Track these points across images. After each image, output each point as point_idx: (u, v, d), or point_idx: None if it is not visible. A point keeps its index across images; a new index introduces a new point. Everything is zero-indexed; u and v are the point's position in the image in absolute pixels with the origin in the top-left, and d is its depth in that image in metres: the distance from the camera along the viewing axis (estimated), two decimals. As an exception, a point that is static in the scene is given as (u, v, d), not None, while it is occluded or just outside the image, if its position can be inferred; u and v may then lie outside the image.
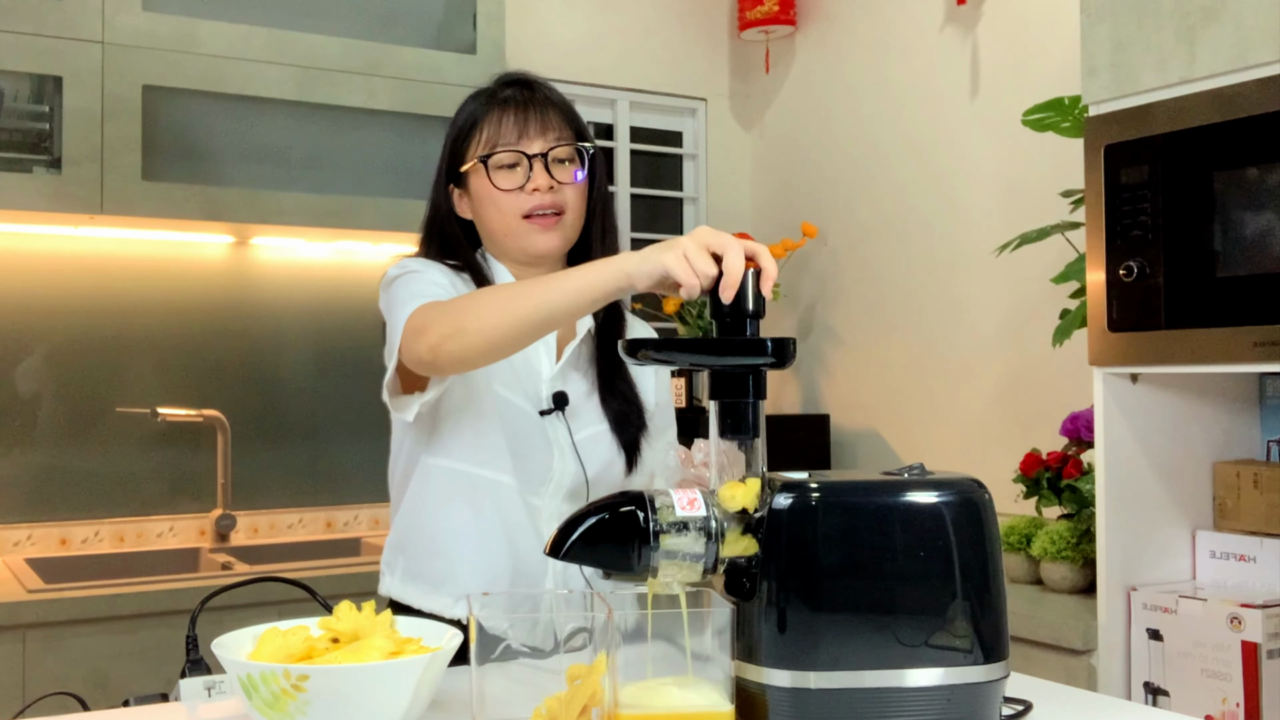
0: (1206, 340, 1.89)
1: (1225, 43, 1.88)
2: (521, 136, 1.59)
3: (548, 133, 1.59)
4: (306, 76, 2.76)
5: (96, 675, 2.28)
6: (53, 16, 2.51)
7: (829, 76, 3.46)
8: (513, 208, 1.58)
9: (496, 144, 1.59)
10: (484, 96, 1.64)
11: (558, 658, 1.17)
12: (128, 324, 2.89)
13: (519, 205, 1.58)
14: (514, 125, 1.59)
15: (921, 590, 1.06)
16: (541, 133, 1.59)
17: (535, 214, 1.58)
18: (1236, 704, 1.89)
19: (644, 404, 1.66)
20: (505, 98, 1.62)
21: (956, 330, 3.05)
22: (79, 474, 2.82)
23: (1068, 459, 2.39)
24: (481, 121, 1.61)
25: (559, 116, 1.62)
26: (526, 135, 1.59)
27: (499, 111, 1.60)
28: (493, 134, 1.59)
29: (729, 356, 1.11)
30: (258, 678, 1.07)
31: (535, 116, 1.60)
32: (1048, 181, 2.71)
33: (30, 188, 2.51)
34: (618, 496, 1.10)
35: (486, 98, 1.63)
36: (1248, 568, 2.06)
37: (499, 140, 1.59)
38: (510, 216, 1.58)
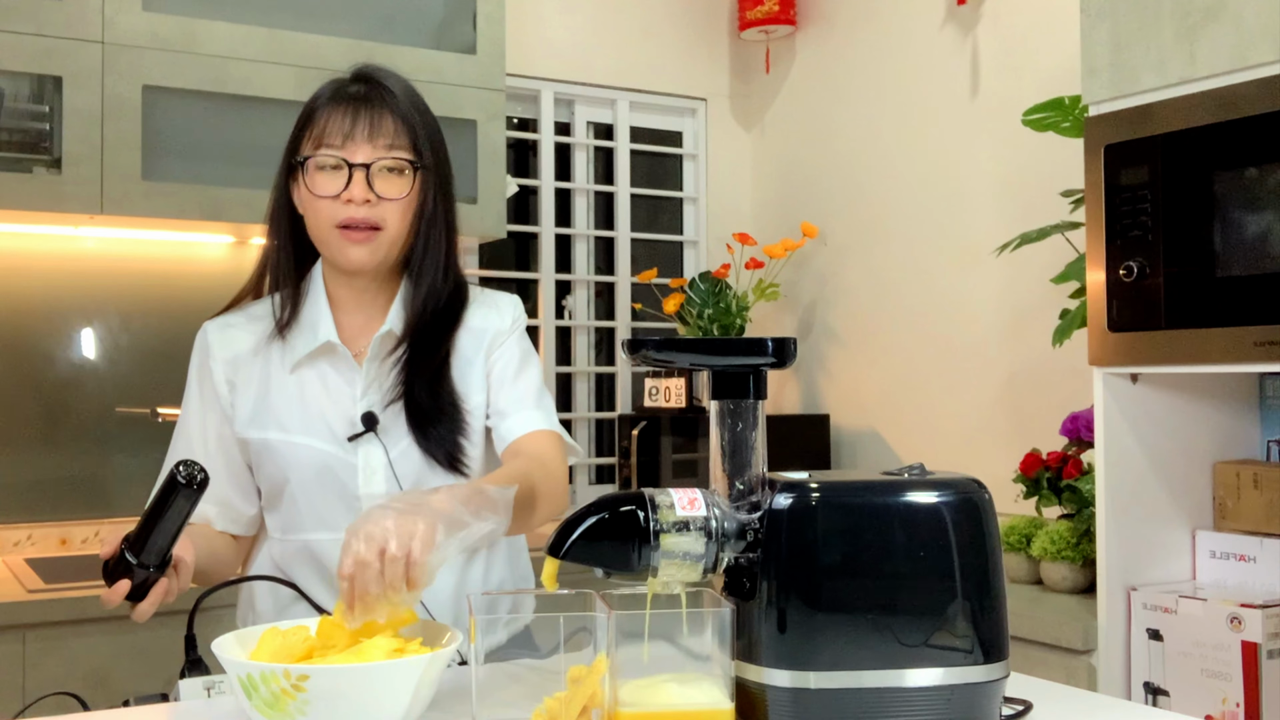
0: (1206, 340, 1.89)
1: (1225, 43, 1.88)
2: (347, 141, 1.48)
3: (376, 140, 1.49)
4: (306, 76, 2.75)
5: (96, 675, 2.28)
6: (53, 16, 2.51)
7: (829, 76, 3.46)
8: (328, 214, 1.49)
9: (322, 144, 1.49)
10: (331, 85, 1.54)
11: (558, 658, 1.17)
12: (128, 324, 2.89)
13: (334, 213, 1.49)
14: (341, 126, 1.49)
15: (921, 590, 1.06)
16: (369, 139, 1.49)
17: (349, 225, 1.49)
18: (1236, 704, 1.89)
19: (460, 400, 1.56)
20: (345, 93, 1.52)
21: (956, 330, 3.05)
22: (79, 474, 2.82)
23: (1068, 459, 2.39)
24: (318, 114, 1.51)
25: (396, 124, 1.51)
26: (353, 140, 1.48)
27: (334, 108, 1.50)
28: (320, 132, 1.50)
29: (729, 356, 1.11)
30: (257, 678, 1.07)
31: (365, 121, 1.49)
32: (1048, 181, 2.71)
33: (30, 188, 2.50)
34: (618, 496, 1.09)
35: (332, 89, 1.53)
36: (1248, 568, 2.06)
37: (325, 140, 1.49)
38: (325, 223, 1.50)
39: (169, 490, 1.30)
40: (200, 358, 1.61)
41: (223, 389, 1.58)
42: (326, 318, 1.56)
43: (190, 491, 1.30)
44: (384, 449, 1.53)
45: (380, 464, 1.53)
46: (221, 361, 1.59)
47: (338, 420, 1.54)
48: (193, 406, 1.61)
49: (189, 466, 1.30)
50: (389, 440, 1.53)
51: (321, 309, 1.56)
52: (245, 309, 1.63)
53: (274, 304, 1.58)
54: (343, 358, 1.56)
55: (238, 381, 1.58)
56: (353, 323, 1.58)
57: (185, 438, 1.60)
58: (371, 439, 1.53)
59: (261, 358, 1.58)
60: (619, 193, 3.64)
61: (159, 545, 1.32)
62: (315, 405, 1.55)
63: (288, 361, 1.56)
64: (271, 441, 1.54)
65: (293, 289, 1.58)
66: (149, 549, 1.32)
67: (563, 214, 3.58)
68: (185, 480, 1.29)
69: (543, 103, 3.50)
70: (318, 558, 1.55)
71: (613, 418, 3.54)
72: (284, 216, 1.58)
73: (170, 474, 1.30)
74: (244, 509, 1.60)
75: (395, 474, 1.52)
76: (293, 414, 1.55)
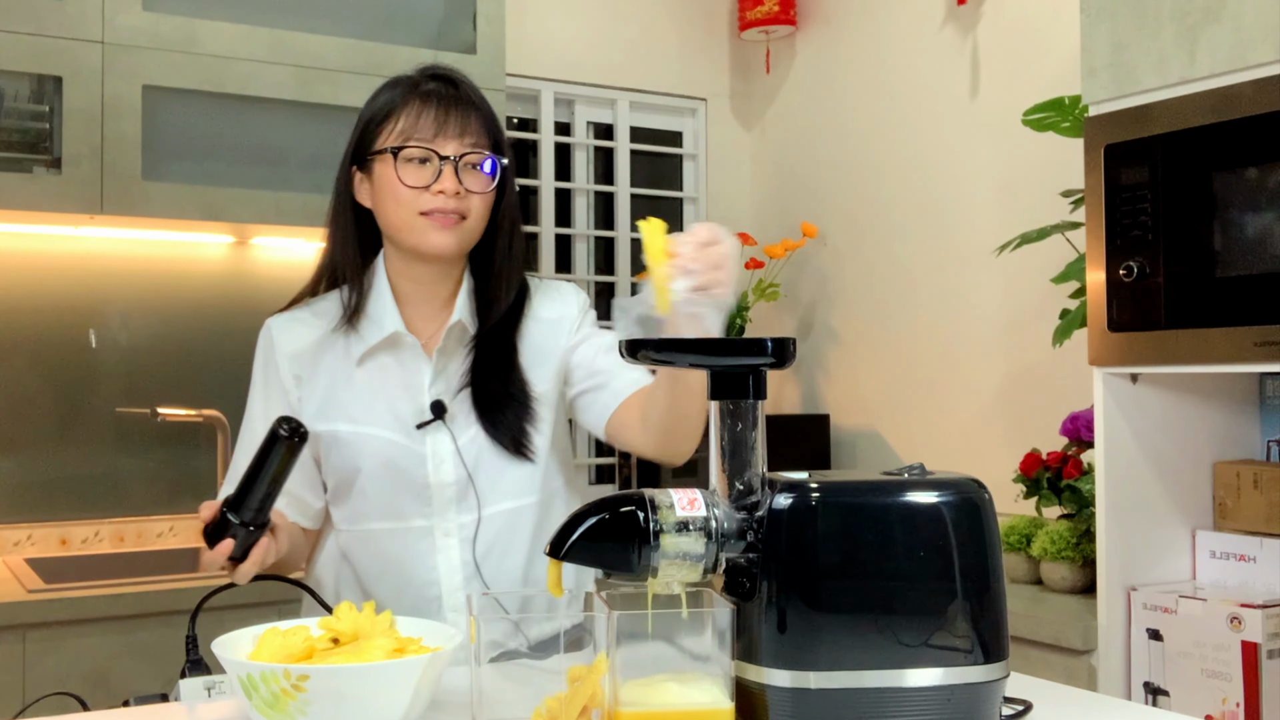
0: (1206, 340, 1.89)
1: (1225, 43, 1.88)
2: (437, 135, 1.53)
3: (464, 136, 1.54)
4: (306, 76, 2.75)
5: (96, 675, 2.28)
6: (53, 16, 2.51)
7: (829, 76, 3.46)
8: (413, 204, 1.53)
9: (411, 137, 1.53)
10: (405, 85, 1.57)
11: (558, 658, 1.17)
12: (128, 324, 2.89)
13: (420, 203, 1.53)
14: (432, 121, 1.53)
15: (921, 590, 1.06)
16: (459, 135, 1.54)
17: (435, 212, 1.53)
18: (1236, 704, 1.89)
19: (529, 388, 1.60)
20: (428, 91, 1.56)
21: (956, 330, 3.05)
22: (79, 474, 2.82)
23: (1068, 459, 2.39)
24: (399, 110, 1.55)
25: (479, 121, 1.56)
26: (443, 134, 1.53)
27: (419, 104, 1.54)
28: (408, 126, 1.54)
29: (729, 356, 1.11)
30: (258, 678, 1.07)
31: (455, 117, 1.54)
32: (1048, 181, 2.71)
33: (30, 188, 2.50)
34: (618, 496, 1.09)
35: (407, 86, 1.57)
36: (1248, 568, 2.06)
37: (414, 134, 1.53)
38: (409, 212, 1.53)
39: (270, 445, 1.32)
40: (265, 353, 1.64)
41: (289, 383, 1.61)
42: (392, 310, 1.59)
43: (292, 444, 1.32)
44: (452, 437, 1.56)
45: (448, 451, 1.56)
46: (287, 356, 1.61)
47: (406, 410, 1.57)
48: (257, 402, 1.64)
49: (290, 421, 1.32)
50: (456, 428, 1.57)
51: (386, 301, 1.59)
52: (308, 304, 1.65)
53: (342, 297, 1.61)
54: (410, 348, 1.58)
55: (304, 375, 1.61)
56: (417, 314, 1.61)
57: (251, 433, 1.62)
58: (439, 427, 1.56)
59: (327, 351, 1.60)
60: (619, 193, 3.64)
61: (259, 501, 1.35)
62: (383, 396, 1.58)
63: (354, 354, 1.59)
64: (341, 434, 1.57)
65: (359, 283, 1.61)
66: (248, 505, 1.35)
67: (563, 214, 3.58)
68: (287, 433, 1.31)
69: (543, 103, 3.50)
70: (384, 547, 1.58)
71: (613, 418, 3.54)
72: (348, 213, 1.62)
73: (272, 428, 1.32)
74: (312, 502, 1.63)
75: (464, 461, 1.56)
76: (360, 405, 1.57)
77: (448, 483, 1.56)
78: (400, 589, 1.57)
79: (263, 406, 1.63)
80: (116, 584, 2.37)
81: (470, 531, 1.56)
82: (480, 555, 1.57)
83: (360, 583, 1.60)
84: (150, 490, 2.90)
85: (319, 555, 1.66)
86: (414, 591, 1.57)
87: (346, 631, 1.19)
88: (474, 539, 1.56)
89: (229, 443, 2.90)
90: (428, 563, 1.57)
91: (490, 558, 1.57)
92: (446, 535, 1.57)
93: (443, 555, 1.57)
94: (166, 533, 2.90)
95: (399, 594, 1.57)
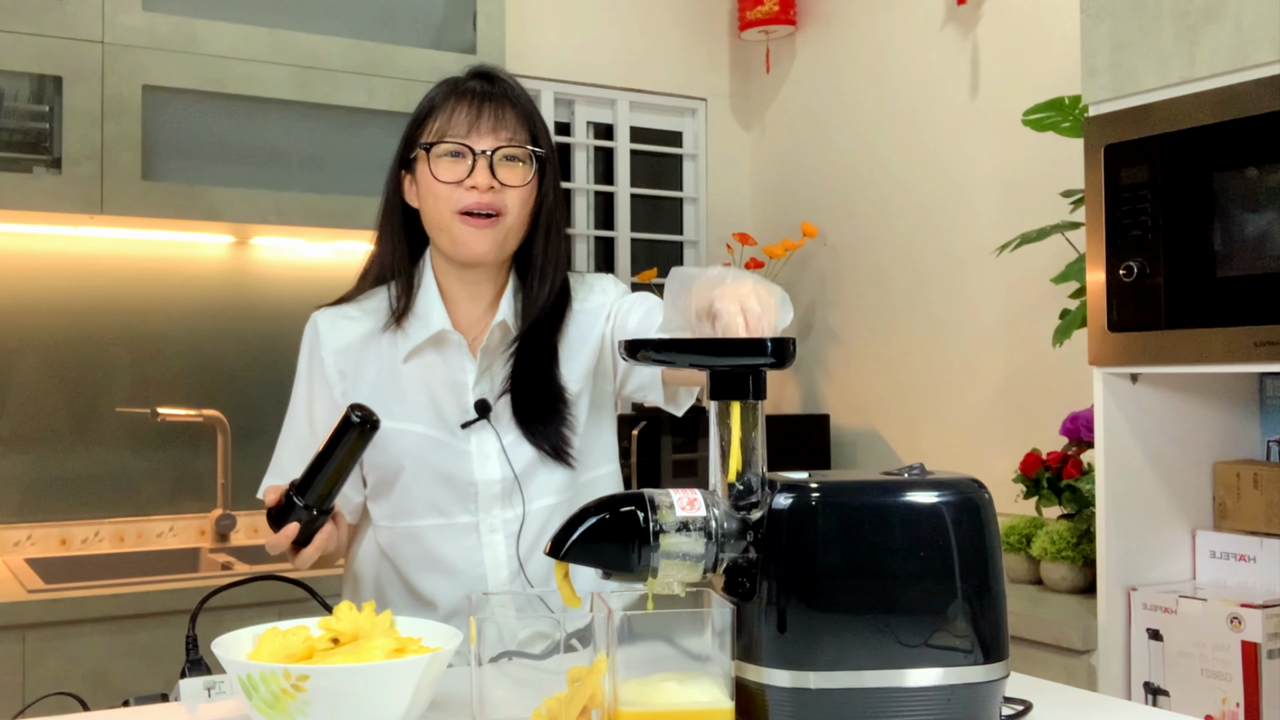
0: (1206, 340, 1.89)
1: (1225, 43, 1.88)
2: (471, 130, 1.53)
3: (499, 131, 1.54)
4: (306, 76, 2.76)
5: (96, 675, 2.28)
6: (53, 16, 2.51)
7: (829, 76, 3.46)
8: (449, 201, 1.53)
9: (446, 133, 1.54)
10: (449, 84, 1.59)
11: (558, 658, 1.17)
12: (128, 324, 2.89)
13: (456, 200, 1.53)
14: (466, 117, 1.54)
15: (921, 590, 1.06)
16: (493, 129, 1.54)
17: (472, 212, 1.53)
18: (1236, 704, 1.89)
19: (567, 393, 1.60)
20: (466, 88, 1.57)
21: (956, 330, 3.05)
22: (79, 474, 2.82)
23: (1068, 459, 2.39)
24: (438, 109, 1.57)
25: (516, 116, 1.56)
26: (477, 130, 1.53)
27: (455, 101, 1.56)
28: (444, 123, 1.55)
29: (729, 356, 1.11)
30: (258, 678, 1.07)
31: (490, 111, 1.54)
32: (1048, 181, 2.71)
33: (30, 188, 2.51)
34: (618, 496, 1.09)
35: (450, 86, 1.58)
36: (1248, 568, 2.06)
37: (448, 130, 1.54)
38: (446, 209, 1.54)
39: (342, 431, 1.32)
40: (310, 347, 1.64)
41: (334, 378, 1.61)
42: (439, 308, 1.59)
43: (364, 430, 1.32)
44: (497, 435, 1.57)
45: (494, 450, 1.57)
46: (332, 351, 1.62)
47: (451, 408, 1.58)
48: (301, 397, 1.65)
49: (362, 409, 1.33)
50: (501, 428, 1.57)
51: (433, 300, 1.60)
52: (356, 301, 1.66)
53: (390, 294, 1.61)
54: (456, 347, 1.59)
55: (349, 370, 1.61)
56: (463, 313, 1.61)
57: (294, 428, 1.63)
58: (485, 426, 1.57)
59: (373, 348, 1.61)
60: (619, 193, 3.64)
61: (326, 487, 1.36)
62: (428, 393, 1.58)
63: (400, 351, 1.59)
64: (386, 430, 1.56)
65: (406, 281, 1.61)
66: (315, 489, 1.35)
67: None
68: (360, 420, 1.32)
69: (543, 103, 3.50)
70: (427, 543, 1.59)
71: (613, 418, 3.54)
72: (396, 212, 1.62)
73: (344, 415, 1.33)
74: (353, 497, 1.64)
75: (509, 460, 1.57)
76: (406, 402, 1.58)
77: (493, 480, 1.57)
78: (447, 585, 1.58)
79: (306, 399, 1.63)
80: (116, 584, 2.37)
81: (515, 527, 1.58)
82: (525, 551, 1.58)
83: (404, 579, 1.61)
84: (150, 490, 2.90)
85: (357, 552, 1.67)
86: (461, 587, 1.58)
87: (346, 631, 1.19)
88: (518, 535, 1.58)
89: (229, 443, 2.90)
90: (474, 558, 1.58)
91: (535, 553, 1.59)
92: (492, 531, 1.58)
93: (489, 551, 1.58)
94: (166, 533, 2.90)
95: (446, 590, 1.58)
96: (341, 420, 1.33)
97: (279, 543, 1.41)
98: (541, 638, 1.45)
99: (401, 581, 1.61)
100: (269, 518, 1.39)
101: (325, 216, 2.79)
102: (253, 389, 3.00)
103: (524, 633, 1.49)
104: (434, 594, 1.59)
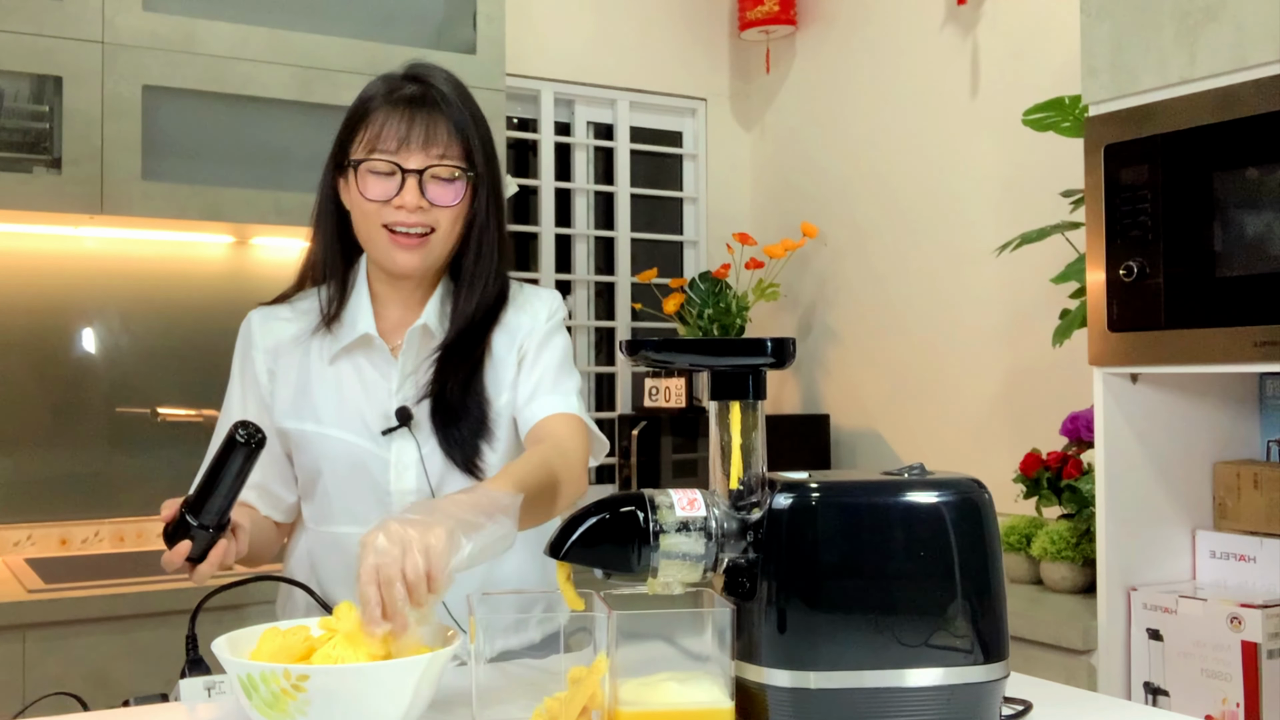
0: (1206, 340, 1.89)
1: (1225, 43, 1.88)
2: (401, 147, 1.48)
3: (430, 147, 1.49)
4: (306, 76, 2.75)
5: (96, 675, 2.28)
6: (53, 16, 2.51)
7: (829, 76, 3.46)
8: (378, 216, 1.50)
9: (375, 148, 1.49)
10: (384, 86, 1.54)
11: (557, 658, 1.17)
12: (128, 324, 2.89)
13: (383, 216, 1.49)
14: (396, 131, 1.49)
15: (921, 590, 1.06)
16: (424, 146, 1.49)
17: (398, 229, 1.49)
18: (1236, 704, 1.89)
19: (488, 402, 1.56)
20: (400, 96, 1.51)
21: (956, 330, 3.05)
22: (79, 474, 2.82)
23: (1068, 459, 2.39)
24: (371, 116, 1.51)
25: (449, 130, 1.51)
26: (407, 146, 1.48)
27: (387, 111, 1.50)
28: (374, 135, 1.50)
29: (728, 357, 1.11)
30: (258, 678, 1.07)
31: (421, 126, 1.49)
32: (1048, 181, 2.71)
33: (30, 188, 2.50)
34: (618, 497, 1.09)
35: (385, 89, 1.53)
36: (1248, 568, 2.06)
37: (378, 145, 1.49)
38: (373, 225, 1.50)
39: (228, 450, 1.32)
40: (243, 345, 1.64)
41: (263, 378, 1.61)
42: (367, 311, 1.58)
43: (249, 450, 1.32)
44: (416, 445, 1.54)
45: (412, 460, 1.54)
46: (263, 350, 1.61)
47: (373, 415, 1.56)
48: (235, 393, 1.65)
49: (247, 426, 1.32)
50: (421, 436, 1.54)
51: (363, 303, 1.58)
52: (291, 301, 1.65)
53: (320, 298, 1.60)
54: (379, 351, 1.57)
55: (277, 371, 1.61)
56: (393, 316, 1.60)
57: (226, 425, 1.62)
58: (405, 434, 1.54)
59: (302, 349, 1.60)
60: (619, 193, 3.64)
61: (217, 505, 1.35)
62: (352, 398, 1.57)
63: (327, 354, 1.58)
64: (308, 433, 1.57)
65: (339, 283, 1.60)
66: (208, 509, 1.35)
67: (563, 214, 3.58)
68: (244, 439, 1.31)
69: (543, 103, 3.50)
70: (347, 551, 1.56)
71: (613, 418, 3.54)
72: (330, 213, 1.60)
73: (229, 433, 1.32)
74: (284, 495, 1.63)
75: (426, 470, 1.54)
76: (329, 406, 1.57)
77: (408, 490, 1.54)
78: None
79: (240, 398, 1.63)
80: (116, 584, 2.37)
81: None
82: None
83: (321, 586, 1.57)
84: (150, 490, 2.89)
85: (292, 552, 1.65)
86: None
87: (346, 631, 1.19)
88: None
89: (229, 443, 2.90)
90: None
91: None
92: None
93: None
94: (166, 533, 2.89)
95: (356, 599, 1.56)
96: (226, 438, 1.32)
97: (172, 560, 1.37)
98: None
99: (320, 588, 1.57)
100: (164, 535, 1.38)
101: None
102: (253, 389, 3.00)
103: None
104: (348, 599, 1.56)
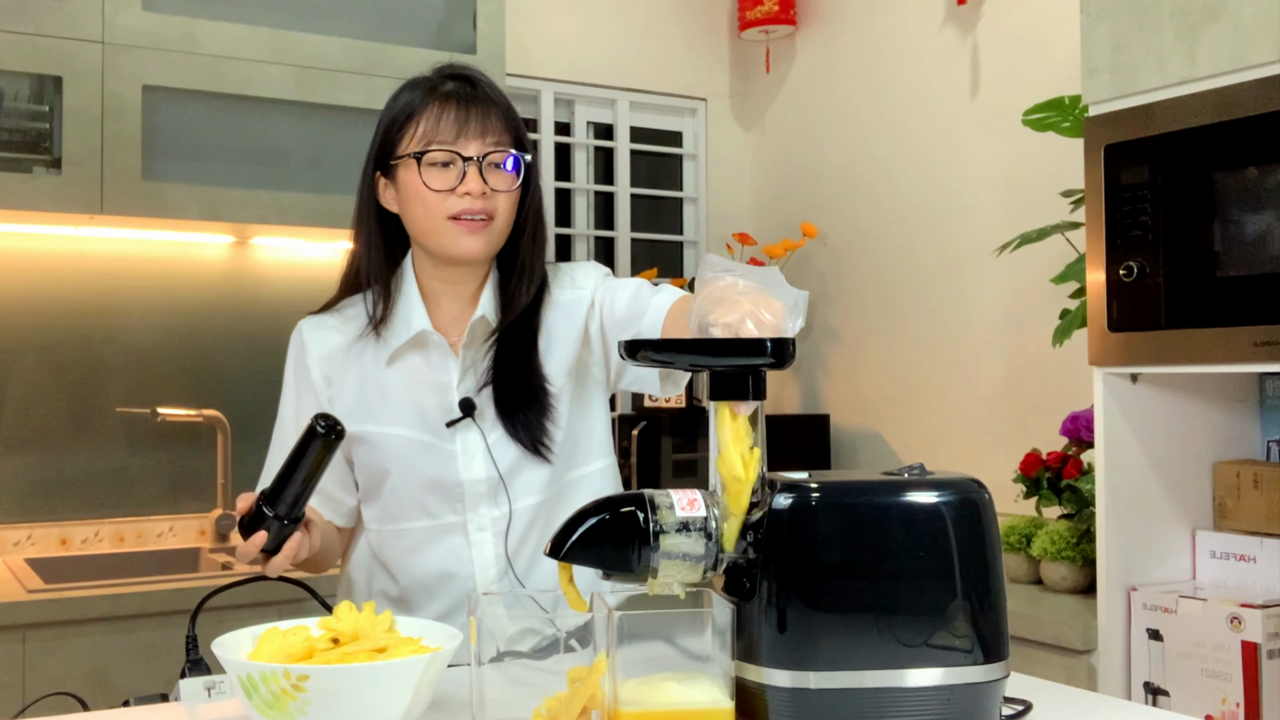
0: (1206, 340, 1.89)
1: (1225, 43, 1.88)
2: (459, 136, 1.53)
3: (486, 135, 1.54)
4: (306, 76, 2.75)
5: (96, 675, 2.28)
6: (53, 16, 2.51)
7: (829, 76, 3.46)
8: (441, 208, 1.53)
9: (432, 141, 1.53)
10: (423, 86, 1.57)
11: (557, 658, 1.17)
12: (128, 324, 2.89)
13: (447, 206, 1.53)
14: (453, 123, 1.53)
15: (921, 590, 1.06)
16: (480, 134, 1.53)
17: (463, 217, 1.53)
18: (1236, 704, 1.89)
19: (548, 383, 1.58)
20: (446, 92, 1.55)
21: (957, 330, 3.05)
22: (79, 474, 2.82)
23: (1068, 459, 2.39)
24: (419, 113, 1.54)
25: (499, 119, 1.55)
26: (464, 135, 1.53)
27: (438, 106, 1.54)
28: (429, 129, 1.53)
29: (729, 357, 1.11)
30: (258, 678, 1.07)
31: (476, 116, 1.54)
32: (1048, 181, 2.71)
33: (30, 188, 2.51)
34: (618, 497, 1.09)
35: (426, 89, 1.56)
36: (1248, 568, 2.06)
37: (435, 137, 1.53)
38: (437, 216, 1.53)
39: (307, 441, 1.34)
40: (297, 354, 1.65)
41: (320, 385, 1.62)
42: (419, 309, 1.59)
43: (329, 440, 1.34)
44: (482, 434, 1.57)
45: (479, 449, 1.57)
46: (317, 358, 1.63)
47: (434, 409, 1.58)
48: (289, 404, 1.65)
49: (327, 418, 1.34)
50: (486, 425, 1.57)
51: (414, 302, 1.60)
52: (338, 308, 1.66)
53: (367, 301, 1.61)
54: (437, 347, 1.59)
55: (334, 377, 1.62)
56: (445, 313, 1.61)
57: (283, 436, 1.63)
58: (469, 425, 1.57)
59: (356, 354, 1.61)
60: (619, 193, 3.64)
61: (295, 495, 1.37)
62: (412, 396, 1.59)
63: (383, 355, 1.60)
64: (371, 434, 1.58)
65: (384, 286, 1.61)
66: (284, 500, 1.36)
67: (563, 214, 3.58)
68: (324, 429, 1.33)
69: (543, 103, 3.50)
70: (416, 545, 1.60)
71: (613, 418, 3.54)
72: (372, 217, 1.62)
73: (309, 425, 1.34)
74: (345, 500, 1.65)
75: (494, 458, 1.56)
76: (391, 406, 1.58)
77: (479, 479, 1.57)
78: (436, 586, 1.59)
79: (294, 406, 1.64)
80: (116, 584, 2.37)
81: (502, 525, 1.58)
82: (512, 549, 1.58)
83: (396, 581, 1.61)
84: (150, 490, 2.90)
85: (351, 555, 1.68)
86: (451, 586, 1.59)
87: (346, 631, 1.19)
88: (506, 533, 1.58)
89: (229, 443, 2.90)
90: (463, 557, 1.58)
91: (523, 551, 1.59)
92: (480, 530, 1.58)
93: (477, 550, 1.58)
94: (166, 533, 2.90)
95: (435, 591, 1.59)
96: (306, 430, 1.34)
97: (247, 551, 1.40)
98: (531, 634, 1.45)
99: (394, 583, 1.62)
100: (239, 525, 1.40)
101: (325, 216, 2.78)
102: (252, 389, 3.00)
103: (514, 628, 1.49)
104: (425, 594, 1.59)
